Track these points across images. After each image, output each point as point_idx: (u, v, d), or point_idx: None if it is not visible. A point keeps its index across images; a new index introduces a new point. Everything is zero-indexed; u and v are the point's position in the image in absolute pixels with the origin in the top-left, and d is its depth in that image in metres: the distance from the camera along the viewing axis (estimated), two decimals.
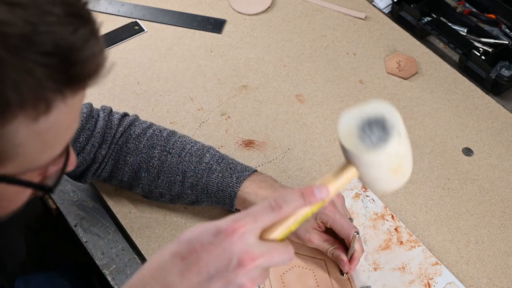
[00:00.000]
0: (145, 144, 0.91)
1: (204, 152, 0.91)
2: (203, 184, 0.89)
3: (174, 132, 0.94)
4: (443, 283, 0.89)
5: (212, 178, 0.89)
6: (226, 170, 0.89)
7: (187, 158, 0.90)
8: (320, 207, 0.61)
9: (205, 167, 0.89)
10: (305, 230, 0.86)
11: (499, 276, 0.90)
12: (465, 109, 1.11)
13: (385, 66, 1.17)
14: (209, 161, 0.90)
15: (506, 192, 1.00)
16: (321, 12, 1.27)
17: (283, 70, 1.17)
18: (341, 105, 1.11)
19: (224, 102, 1.11)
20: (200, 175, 0.89)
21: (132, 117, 0.94)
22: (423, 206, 0.98)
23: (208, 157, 0.90)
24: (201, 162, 0.90)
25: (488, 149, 1.05)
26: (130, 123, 0.93)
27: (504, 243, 0.94)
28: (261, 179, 0.89)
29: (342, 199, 0.90)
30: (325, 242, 0.86)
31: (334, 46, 1.21)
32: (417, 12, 1.22)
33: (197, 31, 1.23)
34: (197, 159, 0.90)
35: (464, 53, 1.17)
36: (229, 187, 0.88)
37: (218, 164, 0.90)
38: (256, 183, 0.88)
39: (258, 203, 0.89)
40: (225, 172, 0.89)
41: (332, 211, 0.84)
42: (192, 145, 0.92)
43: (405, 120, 1.08)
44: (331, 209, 0.84)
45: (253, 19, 1.26)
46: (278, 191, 0.87)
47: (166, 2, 1.28)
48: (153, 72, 1.16)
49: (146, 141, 0.91)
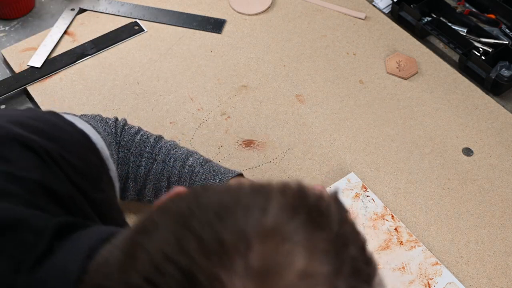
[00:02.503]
0: (133, 152, 0.88)
1: (188, 156, 0.90)
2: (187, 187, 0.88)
3: (160, 138, 0.92)
4: (443, 283, 0.89)
5: (195, 180, 0.88)
6: (209, 172, 0.88)
7: (171, 163, 0.89)
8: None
9: (188, 170, 0.88)
10: None
11: (499, 276, 0.90)
12: (465, 109, 1.11)
13: (385, 66, 1.17)
14: (192, 164, 0.89)
15: (506, 192, 1.00)
16: (321, 12, 1.27)
17: (283, 70, 1.17)
18: (341, 105, 1.11)
19: (224, 102, 1.11)
20: (184, 178, 0.88)
21: (122, 122, 0.92)
22: (423, 206, 0.98)
23: (192, 160, 0.89)
24: (184, 165, 0.89)
25: (488, 149, 1.05)
26: (121, 129, 0.90)
27: (504, 243, 0.94)
28: (243, 181, 0.88)
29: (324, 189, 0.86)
30: None
31: (334, 46, 1.21)
32: (417, 12, 1.22)
33: (197, 31, 1.23)
34: (181, 163, 0.89)
35: (464, 53, 1.17)
36: None
37: (201, 166, 0.89)
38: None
39: None
40: (208, 174, 0.88)
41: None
42: (177, 150, 0.90)
43: (405, 120, 1.09)
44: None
45: (253, 19, 1.26)
46: None
47: (166, 2, 1.28)
48: (153, 72, 1.16)
49: (134, 149, 0.89)
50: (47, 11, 1.28)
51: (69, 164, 0.65)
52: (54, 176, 0.62)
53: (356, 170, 1.02)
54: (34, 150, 0.62)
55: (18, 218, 0.55)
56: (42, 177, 0.61)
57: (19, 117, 0.67)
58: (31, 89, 1.12)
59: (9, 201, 0.57)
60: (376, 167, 1.02)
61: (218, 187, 0.45)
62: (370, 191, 0.98)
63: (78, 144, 0.69)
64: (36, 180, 0.60)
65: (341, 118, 1.09)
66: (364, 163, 1.03)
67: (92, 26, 1.23)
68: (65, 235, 0.56)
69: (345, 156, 1.04)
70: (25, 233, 0.54)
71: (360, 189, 0.98)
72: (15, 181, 0.59)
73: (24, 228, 0.55)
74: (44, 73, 1.14)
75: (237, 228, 0.39)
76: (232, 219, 0.40)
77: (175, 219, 0.42)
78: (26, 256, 0.53)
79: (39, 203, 0.59)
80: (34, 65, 1.14)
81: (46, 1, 1.29)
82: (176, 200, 0.45)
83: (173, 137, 1.05)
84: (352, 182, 0.99)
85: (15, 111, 0.75)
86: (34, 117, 0.68)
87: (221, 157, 1.03)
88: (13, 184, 0.58)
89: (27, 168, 0.60)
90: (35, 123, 0.67)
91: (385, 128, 1.08)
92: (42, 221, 0.56)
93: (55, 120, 0.71)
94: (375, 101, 1.12)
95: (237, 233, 0.39)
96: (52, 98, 1.10)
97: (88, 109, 1.09)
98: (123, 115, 1.08)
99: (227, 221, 0.40)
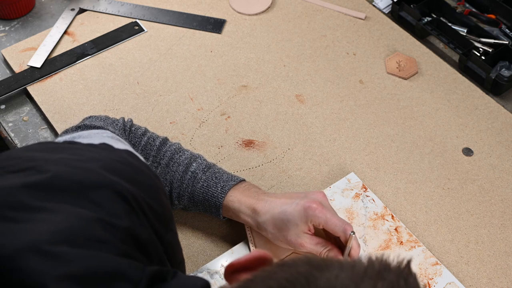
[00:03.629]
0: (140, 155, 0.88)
1: (191, 161, 0.89)
2: (189, 193, 0.88)
3: (165, 141, 0.92)
4: (443, 283, 0.89)
5: (197, 187, 0.88)
6: (212, 179, 0.88)
7: (174, 168, 0.89)
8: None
9: (190, 176, 0.88)
10: (295, 235, 0.83)
11: (499, 276, 0.90)
12: (465, 109, 1.11)
13: (385, 66, 1.17)
14: (195, 170, 0.89)
15: (506, 192, 1.00)
16: (321, 12, 1.27)
17: (283, 70, 1.17)
18: (341, 105, 1.11)
19: (224, 102, 1.11)
20: (186, 185, 0.88)
21: (129, 124, 0.92)
22: (423, 206, 0.98)
23: (195, 166, 0.89)
24: (187, 171, 0.88)
25: (488, 149, 1.05)
26: (129, 131, 0.91)
27: (504, 243, 0.94)
28: (245, 187, 0.88)
29: (325, 196, 0.87)
30: (317, 245, 0.84)
31: (334, 46, 1.21)
32: (417, 12, 1.22)
33: (197, 31, 1.23)
34: (184, 169, 0.89)
35: (464, 53, 1.17)
36: (214, 197, 0.87)
37: (204, 173, 0.89)
38: (240, 191, 0.87)
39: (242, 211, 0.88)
40: (210, 182, 0.88)
41: (322, 212, 0.82)
42: (181, 154, 0.90)
43: (405, 120, 1.09)
44: (320, 210, 0.82)
45: (253, 19, 1.26)
46: (261, 199, 0.86)
47: (166, 2, 1.28)
48: (153, 72, 1.16)
49: (140, 152, 0.89)
50: (47, 11, 1.28)
51: (151, 210, 0.64)
52: (140, 223, 0.62)
53: (356, 170, 1.02)
54: (124, 197, 0.61)
55: (116, 268, 0.55)
56: (131, 224, 0.60)
57: (108, 161, 0.66)
58: (31, 89, 1.12)
59: (103, 248, 0.56)
60: (376, 167, 1.02)
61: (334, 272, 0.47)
62: (370, 191, 0.98)
63: (155, 187, 0.68)
64: (127, 228, 0.59)
65: (341, 118, 1.09)
66: (364, 163, 1.03)
67: (92, 26, 1.23)
68: (156, 284, 0.56)
69: (345, 156, 1.04)
70: (122, 284, 0.54)
71: (360, 189, 0.98)
72: (108, 228, 0.58)
73: (122, 278, 0.55)
74: (44, 73, 1.14)
75: None
76: None
77: None
78: None
79: (129, 251, 0.59)
80: (34, 65, 1.14)
81: (46, 1, 1.29)
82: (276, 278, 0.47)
83: (173, 137, 1.05)
84: (352, 182, 0.99)
85: (101, 152, 0.71)
86: (120, 161, 0.67)
87: (221, 157, 1.03)
88: (106, 231, 0.58)
89: (119, 215, 0.60)
90: (122, 167, 0.65)
91: (385, 128, 1.08)
92: (137, 271, 0.56)
93: (135, 162, 0.69)
94: (375, 101, 1.12)
95: None
96: (52, 98, 1.10)
97: (88, 109, 1.09)
98: (123, 115, 1.08)
99: None
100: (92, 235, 0.56)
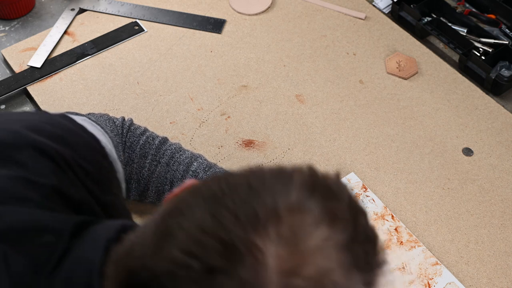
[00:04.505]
0: (138, 153, 0.88)
1: (192, 160, 0.90)
2: None
3: (165, 140, 0.92)
4: (443, 283, 0.89)
5: None
6: None
7: (175, 167, 0.89)
8: None
9: (191, 175, 0.88)
10: None
11: (499, 276, 0.90)
12: (465, 109, 1.11)
13: (385, 66, 1.17)
14: (196, 169, 0.89)
15: (506, 192, 1.00)
16: (321, 12, 1.27)
17: (283, 70, 1.17)
18: (341, 105, 1.11)
19: (224, 102, 1.11)
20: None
21: (128, 123, 0.92)
22: (423, 206, 0.98)
23: (195, 165, 0.89)
24: (188, 170, 0.89)
25: (488, 149, 1.05)
26: (128, 130, 0.91)
27: (504, 243, 0.94)
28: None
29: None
30: None
31: (334, 46, 1.21)
32: (417, 12, 1.22)
33: (197, 31, 1.23)
34: (185, 168, 0.89)
35: (464, 53, 1.17)
36: None
37: (205, 172, 0.89)
38: None
39: None
40: None
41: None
42: (181, 153, 0.90)
43: (405, 120, 1.09)
44: None
45: (253, 19, 1.26)
46: None
47: (166, 2, 1.28)
48: (153, 72, 1.16)
49: (139, 150, 0.89)
50: (47, 11, 1.28)
51: (82, 169, 0.65)
52: (69, 182, 0.63)
53: (356, 170, 1.02)
54: (50, 156, 0.62)
55: (37, 221, 0.56)
56: (58, 182, 0.61)
57: (35, 122, 0.67)
58: (31, 89, 1.12)
59: (27, 206, 0.58)
60: (376, 167, 1.02)
61: (242, 172, 0.50)
62: (370, 191, 0.98)
63: (90, 149, 0.70)
64: (52, 186, 0.60)
65: (341, 118, 1.09)
66: (364, 163, 1.03)
67: (92, 26, 1.23)
68: (82, 233, 0.57)
69: (345, 156, 1.04)
70: (46, 235, 0.56)
71: (360, 189, 0.98)
72: (32, 187, 0.59)
73: (45, 230, 0.56)
74: (44, 73, 1.14)
75: (267, 205, 0.45)
76: (262, 198, 0.45)
77: (208, 199, 0.46)
78: (50, 257, 0.54)
79: (55, 208, 0.60)
80: (34, 65, 1.14)
81: (46, 1, 1.29)
82: (206, 184, 0.49)
83: (173, 137, 1.05)
84: (352, 182, 0.99)
85: (30, 115, 0.75)
86: (49, 122, 0.68)
87: (221, 157, 1.03)
88: (29, 189, 0.59)
89: (43, 173, 0.61)
90: (50, 128, 0.67)
91: (385, 128, 1.08)
92: (60, 222, 0.57)
93: (69, 124, 0.71)
94: (375, 101, 1.12)
95: (268, 209, 0.45)
96: (52, 98, 1.10)
97: (88, 109, 1.09)
98: (123, 115, 1.08)
99: (258, 199, 0.45)
100: (13, 193, 0.58)
